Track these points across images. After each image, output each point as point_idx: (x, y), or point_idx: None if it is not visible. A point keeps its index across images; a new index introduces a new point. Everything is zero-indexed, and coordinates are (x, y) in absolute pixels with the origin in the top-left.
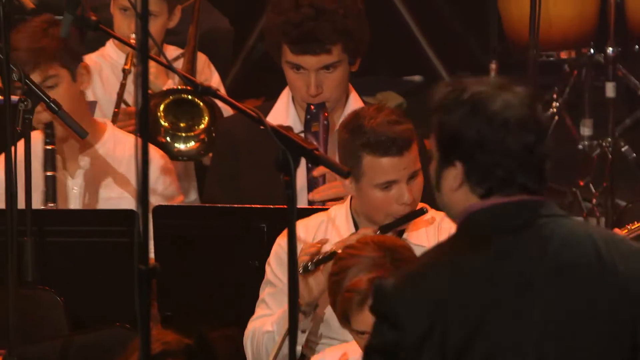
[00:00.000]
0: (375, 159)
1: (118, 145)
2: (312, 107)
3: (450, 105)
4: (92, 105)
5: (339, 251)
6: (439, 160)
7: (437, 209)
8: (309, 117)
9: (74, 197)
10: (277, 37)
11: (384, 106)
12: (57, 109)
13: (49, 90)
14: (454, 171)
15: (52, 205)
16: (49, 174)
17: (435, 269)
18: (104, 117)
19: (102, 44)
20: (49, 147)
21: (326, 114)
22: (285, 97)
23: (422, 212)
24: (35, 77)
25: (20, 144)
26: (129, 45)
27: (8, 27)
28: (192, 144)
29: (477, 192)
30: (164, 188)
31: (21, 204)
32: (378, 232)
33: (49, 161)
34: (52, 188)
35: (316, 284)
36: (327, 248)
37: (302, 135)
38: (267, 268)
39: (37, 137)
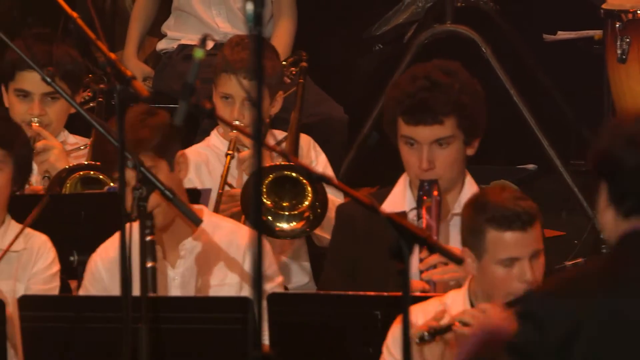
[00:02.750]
0: (499, 234)
1: (217, 231)
2: (425, 183)
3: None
4: (207, 192)
5: (456, 324)
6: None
7: None
8: (421, 192)
9: (176, 287)
10: (393, 110)
11: (508, 185)
12: (171, 196)
13: None
14: (602, 190)
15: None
16: (149, 265)
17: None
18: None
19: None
20: (148, 237)
21: (437, 192)
22: (402, 183)
23: None
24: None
25: (135, 231)
26: (242, 131)
27: (123, 115)
28: (295, 223)
29: (620, 212)
30: (265, 269)
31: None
32: None
33: (149, 252)
34: (152, 279)
35: (430, 354)
36: (445, 321)
37: (415, 212)
38: (384, 349)
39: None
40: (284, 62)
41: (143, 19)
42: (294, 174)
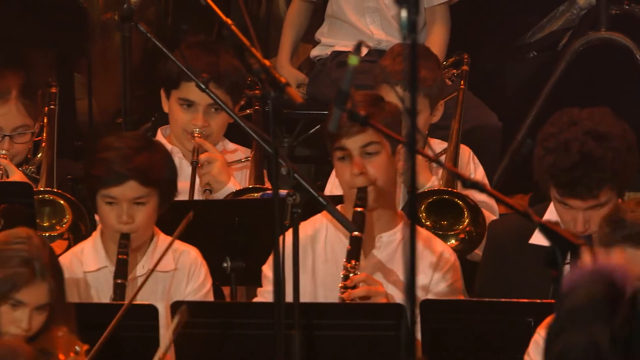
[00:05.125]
0: (636, 252)
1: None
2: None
3: None
4: None
5: None
6: None
7: None
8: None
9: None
10: (545, 177)
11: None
12: (325, 203)
13: (370, 157)
14: None
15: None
16: (355, 234)
17: None
18: None
19: None
20: (359, 209)
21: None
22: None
23: None
24: (359, 139)
25: (289, 237)
26: (398, 139)
27: (276, 122)
28: (452, 242)
29: None
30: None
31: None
32: None
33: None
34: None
35: None
36: None
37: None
38: (526, 357)
39: (305, 227)
40: (444, 63)
41: (296, 26)
42: (451, 198)
